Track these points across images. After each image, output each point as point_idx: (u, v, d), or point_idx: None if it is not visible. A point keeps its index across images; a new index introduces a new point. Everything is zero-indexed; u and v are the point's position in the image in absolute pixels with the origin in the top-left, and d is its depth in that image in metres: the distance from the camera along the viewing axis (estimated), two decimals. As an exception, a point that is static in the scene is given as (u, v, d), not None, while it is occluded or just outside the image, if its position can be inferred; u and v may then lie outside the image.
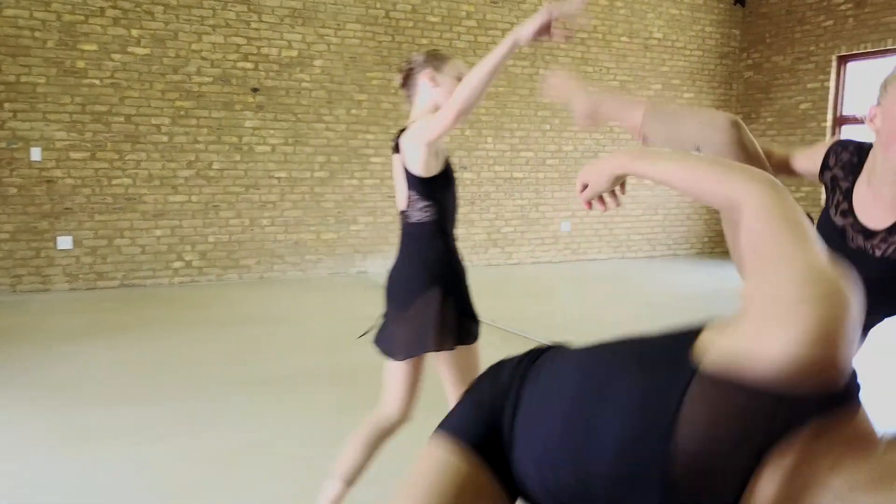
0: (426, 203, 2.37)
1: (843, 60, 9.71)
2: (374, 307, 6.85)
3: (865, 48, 9.32)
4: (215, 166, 7.85)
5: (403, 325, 2.38)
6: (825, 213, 1.92)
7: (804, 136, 10.03)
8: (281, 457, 3.34)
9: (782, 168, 1.97)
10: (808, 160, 1.96)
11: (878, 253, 1.79)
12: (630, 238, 10.48)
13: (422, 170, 2.33)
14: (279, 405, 4.02)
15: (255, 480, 3.11)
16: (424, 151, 2.29)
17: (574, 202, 9.93)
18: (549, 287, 8.21)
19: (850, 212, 1.85)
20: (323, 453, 3.21)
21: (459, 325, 2.37)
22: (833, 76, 9.73)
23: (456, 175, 2.50)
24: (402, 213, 2.44)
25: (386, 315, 2.51)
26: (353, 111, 8.42)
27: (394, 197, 8.69)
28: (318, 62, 8.21)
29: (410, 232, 2.42)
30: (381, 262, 8.72)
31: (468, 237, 9.25)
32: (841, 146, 1.89)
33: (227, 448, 3.42)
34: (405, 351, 2.37)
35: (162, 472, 3.16)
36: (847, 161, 1.87)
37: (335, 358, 4.97)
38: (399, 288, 2.44)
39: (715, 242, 11.13)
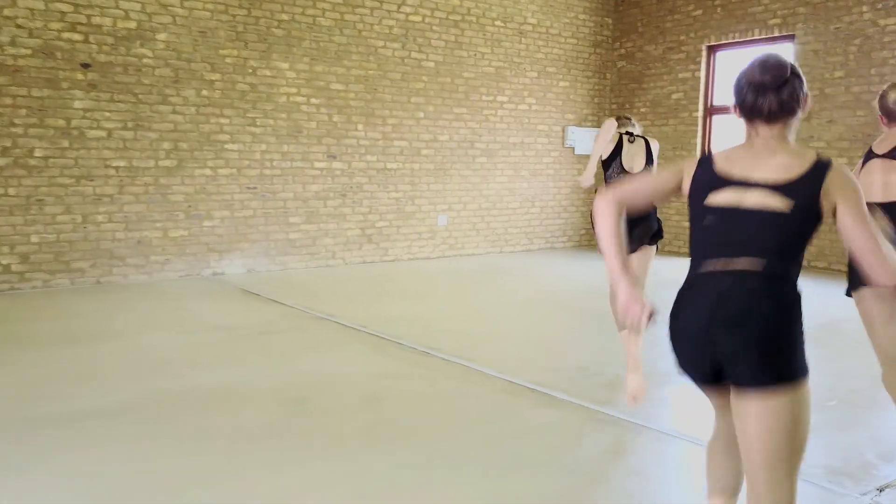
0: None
1: (712, 50, 9.76)
2: (232, 314, 5.92)
3: (733, 38, 9.38)
4: (38, 153, 6.71)
5: None
6: None
7: (677, 127, 10.03)
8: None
9: None
10: None
11: None
12: (507, 232, 10.11)
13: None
14: (99, 448, 3.18)
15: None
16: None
17: (450, 195, 9.43)
18: (427, 285, 7.65)
19: None
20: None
21: None
22: (703, 66, 9.76)
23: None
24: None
25: None
26: (205, 92, 7.49)
27: (253, 189, 7.85)
28: (161, 36, 7.21)
29: None
30: (241, 261, 7.85)
31: (340, 232, 8.53)
32: None
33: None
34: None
35: None
36: None
37: (187, 380, 4.15)
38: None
39: (591, 235, 10.99)
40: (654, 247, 3.99)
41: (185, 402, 3.72)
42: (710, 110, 9.81)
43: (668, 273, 4.24)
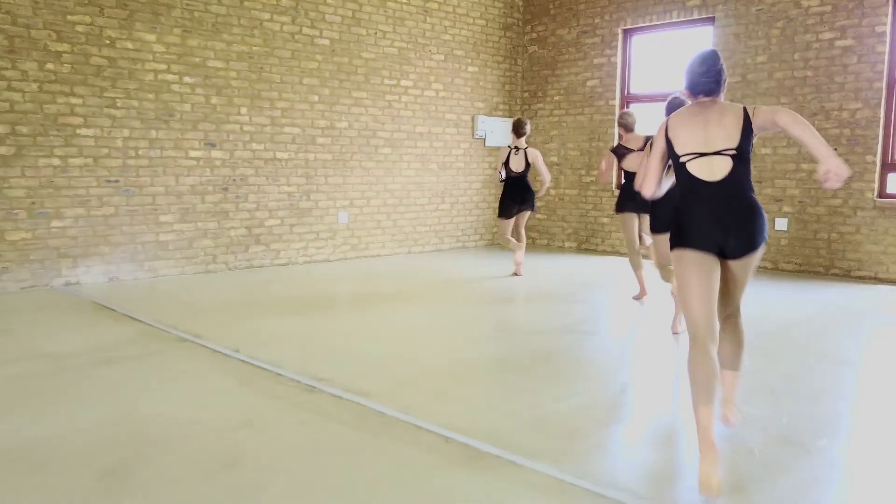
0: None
1: (628, 34, 9.17)
2: (71, 336, 4.53)
3: (650, 21, 8.82)
4: None
5: None
6: None
7: (593, 116, 9.40)
8: None
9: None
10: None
11: None
12: (416, 230, 9.23)
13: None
14: None
15: None
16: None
17: (351, 189, 8.45)
18: (324, 292, 6.65)
19: None
20: None
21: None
22: (620, 51, 9.16)
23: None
24: (522, 174, 7.12)
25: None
26: (50, 66, 6.25)
27: (115, 182, 6.67)
28: (-10, -4, 5.94)
29: (524, 179, 7.13)
30: (100, 268, 6.63)
31: (222, 232, 7.42)
32: None
33: None
34: None
35: None
36: None
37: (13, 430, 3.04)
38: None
39: (505, 231, 10.25)
40: (528, 212, 7.21)
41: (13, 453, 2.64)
42: (628, 98, 9.23)
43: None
